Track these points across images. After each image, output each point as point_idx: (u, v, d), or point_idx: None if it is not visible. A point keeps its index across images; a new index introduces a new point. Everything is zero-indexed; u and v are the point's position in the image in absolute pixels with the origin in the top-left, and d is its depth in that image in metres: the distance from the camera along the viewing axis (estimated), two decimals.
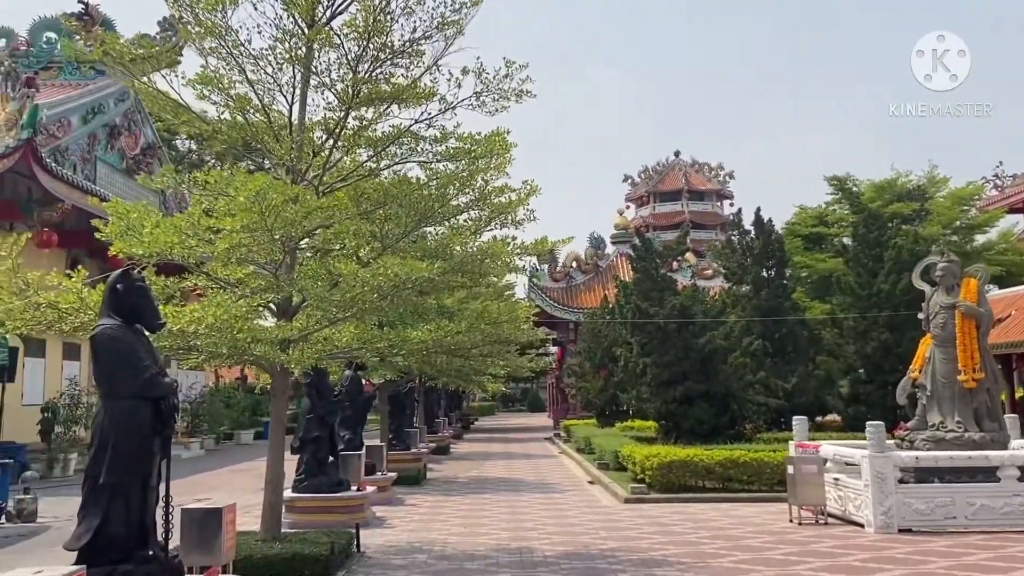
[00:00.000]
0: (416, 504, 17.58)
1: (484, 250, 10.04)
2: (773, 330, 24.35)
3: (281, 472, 10.96)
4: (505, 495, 19.16)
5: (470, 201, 10.58)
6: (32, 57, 33.33)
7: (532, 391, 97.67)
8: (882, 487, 13.25)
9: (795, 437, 16.55)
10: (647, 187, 75.13)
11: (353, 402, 17.50)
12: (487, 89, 10.36)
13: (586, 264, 52.10)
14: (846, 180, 43.43)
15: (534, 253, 10.69)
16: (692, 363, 22.23)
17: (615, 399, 35.80)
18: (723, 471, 17.96)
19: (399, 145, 10.93)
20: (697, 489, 18.23)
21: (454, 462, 28.88)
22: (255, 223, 9.10)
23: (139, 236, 9.74)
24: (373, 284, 9.15)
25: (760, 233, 25.44)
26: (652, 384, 22.59)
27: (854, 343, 22.94)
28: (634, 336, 23.29)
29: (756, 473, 17.88)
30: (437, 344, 11.23)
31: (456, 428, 46.80)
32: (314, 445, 14.48)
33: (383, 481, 17.70)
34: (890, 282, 22.29)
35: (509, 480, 22.52)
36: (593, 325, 38.51)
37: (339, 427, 17.62)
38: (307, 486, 14.30)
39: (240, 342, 9.19)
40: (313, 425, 14.51)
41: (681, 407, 22.06)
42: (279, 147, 10.37)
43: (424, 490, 20.23)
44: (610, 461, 22.64)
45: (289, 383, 11.20)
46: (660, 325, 22.22)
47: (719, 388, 22.00)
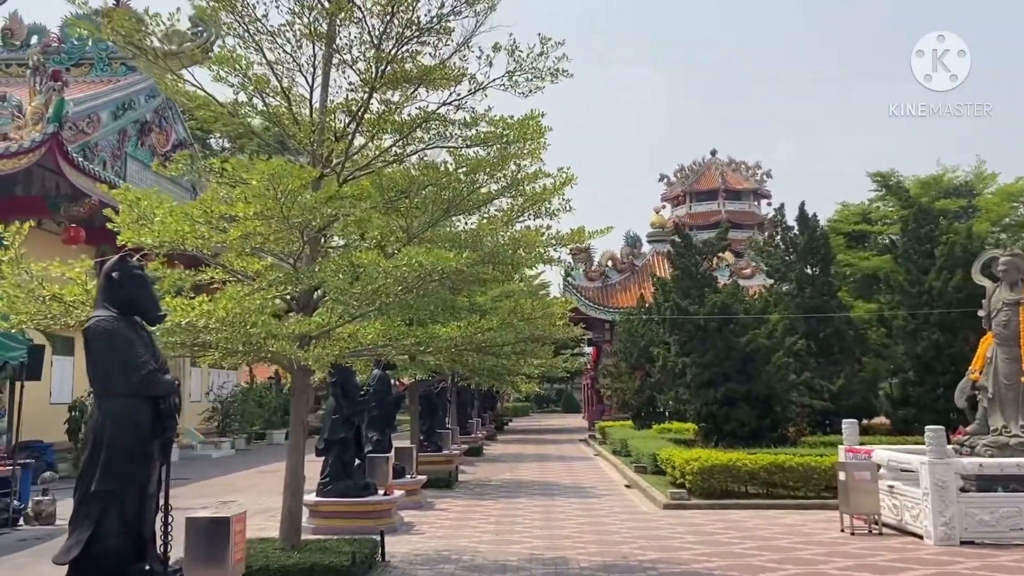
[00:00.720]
0: (446, 508, 16.92)
1: (516, 239, 9.31)
2: (817, 329, 23.38)
3: (301, 477, 10.34)
4: (539, 499, 18.45)
5: (501, 188, 9.89)
6: (64, 54, 33.21)
7: (567, 392, 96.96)
8: (943, 496, 12.36)
9: (845, 441, 15.67)
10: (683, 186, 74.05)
11: (381, 402, 16.87)
12: (520, 68, 9.67)
13: (622, 263, 51.29)
14: (890, 176, 42.18)
15: (570, 243, 9.98)
16: (733, 363, 21.36)
17: (652, 400, 35.02)
18: (768, 476, 17.12)
19: (426, 130, 10.25)
20: (740, 495, 17.42)
21: (487, 464, 28.23)
22: (270, 209, 8.49)
23: (150, 225, 9.18)
24: (396, 275, 8.48)
25: (804, 229, 24.47)
26: (692, 385, 21.76)
27: (903, 343, 21.94)
28: (673, 335, 22.47)
29: (803, 479, 17.03)
30: (467, 341, 10.54)
31: (490, 429, 46.16)
32: (339, 447, 13.87)
33: (412, 484, 17.05)
34: (942, 279, 21.26)
35: (543, 483, 21.82)
36: (629, 325, 37.75)
37: (367, 428, 17.05)
38: (331, 490, 13.69)
39: (254, 338, 8.56)
40: (338, 426, 13.90)
41: (722, 409, 21.20)
42: (299, 131, 9.74)
43: (455, 493, 19.58)
44: (648, 464, 21.87)
45: (311, 383, 10.58)
46: (700, 324, 21.39)
47: (761, 389, 21.12)
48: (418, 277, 8.59)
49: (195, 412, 35.45)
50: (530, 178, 9.87)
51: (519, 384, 26.06)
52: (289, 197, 8.51)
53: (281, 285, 8.91)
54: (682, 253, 22.87)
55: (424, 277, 8.71)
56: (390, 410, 17.14)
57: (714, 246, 22.61)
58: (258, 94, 9.80)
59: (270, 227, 8.74)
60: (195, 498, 18.92)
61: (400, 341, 10.74)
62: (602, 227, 10.17)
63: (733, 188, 72.17)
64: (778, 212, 25.76)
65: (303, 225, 9.27)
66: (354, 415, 13.95)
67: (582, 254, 49.81)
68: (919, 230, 22.63)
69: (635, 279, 50.77)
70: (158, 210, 9.18)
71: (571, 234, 9.91)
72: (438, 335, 10.56)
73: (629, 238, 52.10)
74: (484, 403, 47.95)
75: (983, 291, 15.13)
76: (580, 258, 49.91)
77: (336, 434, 13.87)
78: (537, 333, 10.45)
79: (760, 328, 21.96)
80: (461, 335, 10.42)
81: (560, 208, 10.43)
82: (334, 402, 14.06)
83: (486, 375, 23.18)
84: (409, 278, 8.64)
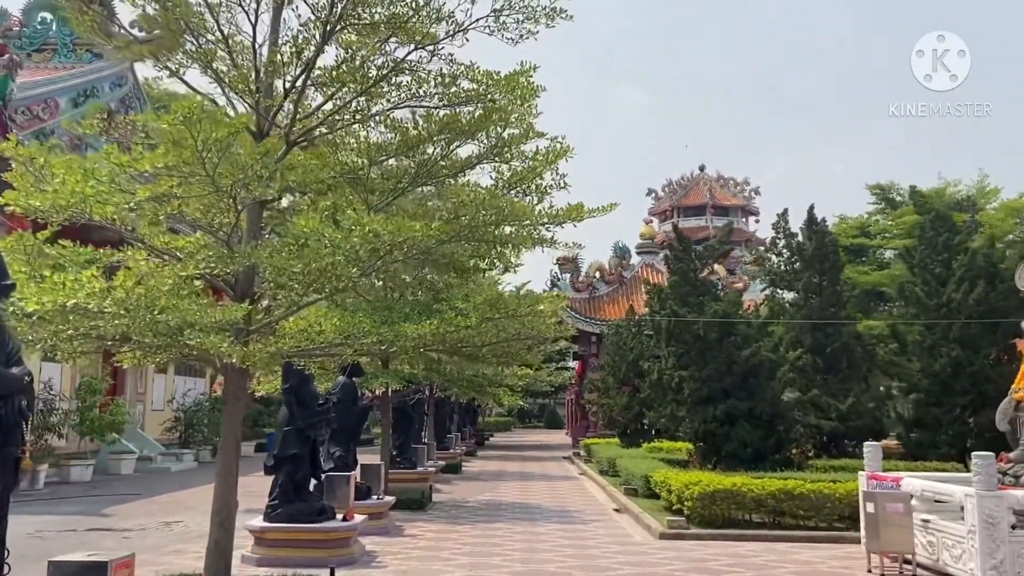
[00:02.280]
0: (416, 535, 15.04)
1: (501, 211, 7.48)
2: (824, 343, 21.66)
3: (231, 502, 8.48)
4: (520, 525, 16.59)
5: (482, 153, 8.08)
6: (25, 38, 31.26)
7: (549, 407, 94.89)
8: (993, 534, 10.59)
9: (866, 466, 13.90)
10: (671, 201, 73.05)
11: (346, 413, 15.01)
12: (508, 5, 7.89)
13: (610, 274, 49.56)
14: (890, 189, 40.72)
15: (566, 220, 8.19)
16: (734, 378, 19.63)
17: (640, 417, 33.27)
18: (776, 504, 15.36)
19: (395, 85, 8.44)
20: (744, 524, 15.64)
21: (465, 482, 26.31)
22: (188, 164, 6.65)
23: (47, 186, 7.33)
24: (347, 249, 6.66)
25: (812, 234, 22.79)
26: (689, 401, 19.98)
27: (919, 359, 20.23)
28: (669, 346, 20.70)
29: (815, 508, 15.28)
30: (440, 340, 8.71)
31: (470, 444, 44.19)
32: (291, 464, 11.97)
33: (378, 507, 15.16)
34: (962, 291, 19.58)
35: (525, 506, 19.95)
36: (618, 337, 35.99)
37: (328, 443, 15.20)
38: (280, 514, 11.78)
39: (164, 326, 6.72)
40: (291, 440, 12.00)
41: (722, 427, 19.43)
42: (237, 74, 7.91)
43: (428, 516, 17.68)
44: (639, 486, 20.07)
45: (245, 388, 8.75)
46: (699, 335, 19.64)
47: (765, 407, 19.37)
48: (374, 252, 6.76)
49: (156, 422, 33.39)
50: (517, 140, 8.06)
51: (501, 397, 24.21)
52: (212, 150, 6.68)
53: (204, 262, 7.04)
54: (680, 258, 21.11)
55: (384, 254, 6.89)
56: (355, 422, 15.25)
57: (715, 250, 20.89)
58: (188, 31, 7.95)
59: (191, 188, 6.91)
60: (136, 517, 16.98)
61: (360, 339, 8.91)
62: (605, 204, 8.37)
63: (721, 204, 71.07)
64: (781, 217, 24.08)
65: (236, 190, 7.44)
66: (310, 428, 12.06)
67: (569, 264, 48.11)
68: (936, 238, 20.97)
69: (624, 291, 49.07)
70: (56, 168, 7.32)
71: (568, 210, 8.12)
72: (405, 333, 8.76)
73: (618, 249, 50.34)
74: (464, 417, 45.98)
75: (1008, 303, 13.43)
76: (567, 268, 48.21)
77: (288, 449, 11.98)
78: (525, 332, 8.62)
79: (763, 341, 20.23)
80: (432, 332, 8.60)
81: (553, 184, 8.64)
82: (287, 412, 12.18)
83: (466, 386, 21.34)
84: (363, 253, 6.82)
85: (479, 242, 7.97)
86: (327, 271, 6.91)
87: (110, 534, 14.85)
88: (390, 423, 20.02)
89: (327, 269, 6.89)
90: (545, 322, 8.79)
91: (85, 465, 24.52)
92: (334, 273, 6.99)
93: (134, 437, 30.62)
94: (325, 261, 6.79)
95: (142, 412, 32.95)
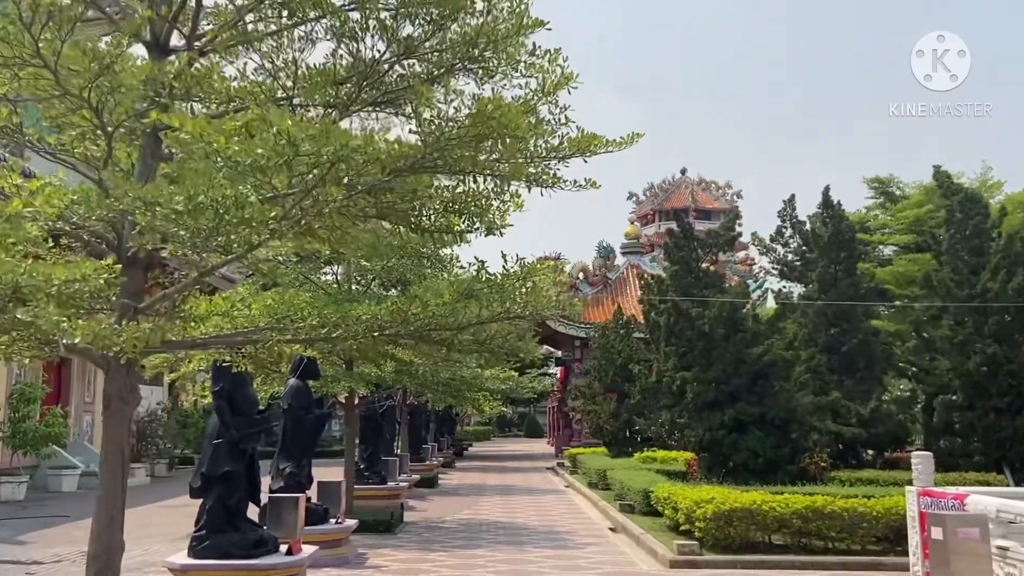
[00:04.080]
0: (381, 565, 12.72)
1: (484, 116, 5.13)
2: (840, 341, 19.51)
3: (114, 544, 6.14)
4: (504, 550, 14.31)
5: (451, 51, 5.76)
6: None
7: (530, 415, 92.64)
8: None
9: (916, 480, 11.71)
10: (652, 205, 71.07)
11: (297, 423, 12.70)
12: None
13: (594, 275, 47.53)
14: (889, 182, 38.82)
15: (576, 153, 5.95)
16: (744, 379, 17.46)
17: (630, 425, 31.19)
18: (802, 524, 13.17)
19: None
20: (764, 547, 13.45)
21: (442, 498, 23.96)
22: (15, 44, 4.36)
23: None
24: (249, 166, 4.35)
25: (829, 218, 20.64)
26: (692, 406, 17.78)
27: (948, 357, 18.10)
28: (669, 346, 18.47)
29: (847, 528, 13.13)
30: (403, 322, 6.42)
31: (448, 454, 41.81)
32: (223, 485, 9.63)
33: (337, 533, 12.83)
34: (999, 280, 17.48)
35: (509, 526, 17.65)
36: (605, 340, 33.81)
37: (279, 458, 12.88)
38: (209, 547, 9.44)
39: None
40: (221, 455, 9.67)
41: (730, 435, 17.24)
42: None
43: (398, 541, 15.33)
44: (636, 502, 17.86)
45: (133, 389, 6.46)
46: (704, 331, 17.45)
47: (778, 412, 17.20)
48: (291, 170, 4.46)
49: None
50: (504, 37, 5.74)
51: (482, 403, 21.91)
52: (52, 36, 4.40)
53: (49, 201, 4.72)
54: (681, 245, 18.91)
55: (310, 178, 4.60)
56: (309, 434, 12.89)
57: (720, 236, 18.71)
58: None
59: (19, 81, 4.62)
60: (56, 545, 14.50)
61: (296, 323, 6.65)
62: (628, 134, 6.14)
63: (704, 208, 69.15)
64: (787, 204, 21.94)
65: (103, 103, 5.15)
66: (245, 440, 9.74)
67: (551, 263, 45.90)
68: (967, 221, 18.89)
69: (608, 293, 47.06)
70: None
71: (577, 140, 5.88)
72: (355, 314, 6.51)
73: (602, 248, 48.29)
74: (442, 426, 43.60)
75: None
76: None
77: (218, 467, 9.65)
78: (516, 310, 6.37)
79: (774, 338, 18.06)
80: (391, 313, 6.34)
81: (552, 119, 6.37)
82: (216, 421, 9.85)
83: (441, 391, 19.02)
84: (278, 182, 4.53)
85: (454, 173, 5.70)
86: (225, 210, 4.60)
87: (13, 569, 12.42)
88: (356, 434, 17.67)
89: (225, 207, 4.59)
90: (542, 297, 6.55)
91: (17, 482, 21.97)
92: (238, 215, 4.69)
93: (80, 450, 28.03)
94: (218, 193, 4.50)
95: (90, 422, 30.32)
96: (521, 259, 7.01)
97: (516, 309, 6.50)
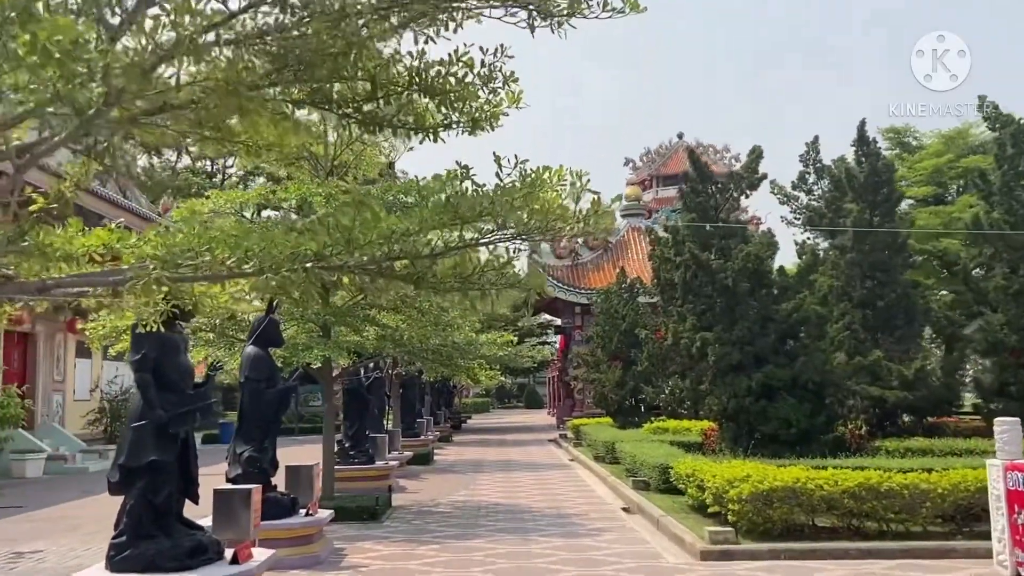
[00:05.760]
0: (360, 565, 10.73)
1: None
2: (877, 295, 17.42)
3: None
4: (507, 540, 12.35)
5: None
6: None
7: (529, 386, 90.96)
8: None
9: (1000, 452, 9.74)
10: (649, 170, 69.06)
11: (256, 398, 10.65)
12: None
13: (595, 239, 45.35)
14: (905, 132, 36.64)
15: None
16: (771, 339, 15.46)
17: (636, 393, 29.28)
18: (855, 505, 11.20)
19: None
20: (809, 532, 11.49)
21: (437, 476, 22.01)
22: None
23: None
24: None
25: (865, 156, 18.46)
26: (714, 370, 15.77)
27: (1002, 310, 16.05)
28: (686, 304, 16.42)
29: (908, 508, 11.16)
30: (345, 246, 4.40)
31: (444, 428, 39.91)
32: (148, 479, 7.60)
33: (306, 528, 10.82)
34: None
35: (511, 508, 15.70)
36: (608, 305, 31.80)
37: (235, 440, 10.86)
38: (131, 558, 7.43)
39: None
40: (147, 442, 7.63)
41: (757, 402, 15.25)
42: None
43: (384, 531, 13.36)
44: (652, 479, 15.95)
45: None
46: (726, 286, 15.41)
47: (811, 375, 15.21)
48: None
49: (79, 413, 28.80)
50: None
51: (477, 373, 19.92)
52: None
53: None
54: (698, 190, 16.76)
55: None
56: (271, 410, 10.81)
57: (742, 179, 16.57)
58: None
59: None
60: None
61: (202, 257, 4.66)
62: None
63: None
64: (811, 147, 19.76)
65: None
66: (176, 422, 7.69)
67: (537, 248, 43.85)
68: (1020, 157, 16.78)
69: (609, 257, 45.08)
70: None
71: None
72: (280, 241, 4.49)
73: None
74: (439, 398, 41.69)
75: None
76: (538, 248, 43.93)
77: (142, 456, 7.61)
78: (523, 227, 4.35)
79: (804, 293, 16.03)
80: (327, 233, 4.31)
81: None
82: (140, 398, 7.81)
83: (431, 359, 17.01)
84: None
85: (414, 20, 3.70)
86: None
87: None
88: (335, 409, 15.66)
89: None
90: (555, 209, 4.52)
91: None
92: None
93: (49, 432, 26.11)
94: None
95: (60, 402, 28.34)
96: (522, 162, 4.92)
97: (516, 226, 4.45)
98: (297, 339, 13.50)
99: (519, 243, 5.06)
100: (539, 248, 42.86)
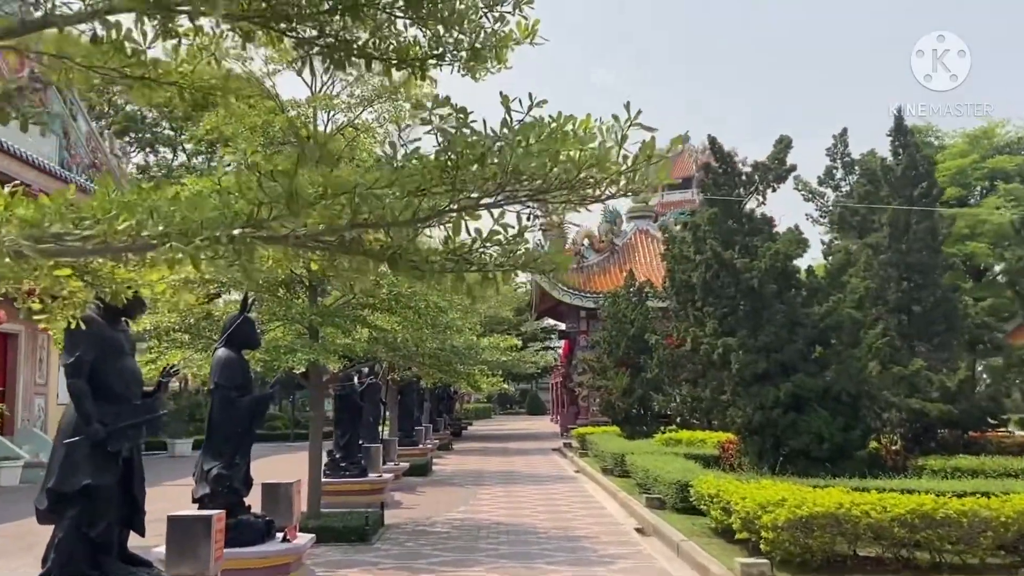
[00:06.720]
0: None
1: None
2: (915, 298, 16.08)
3: None
4: (510, 567, 11.01)
5: None
6: None
7: (532, 392, 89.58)
8: None
9: None
10: None
11: (227, 408, 9.32)
12: None
13: (600, 242, 44.20)
14: (927, 132, 35.36)
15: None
16: (800, 346, 14.14)
17: (645, 401, 27.95)
18: (907, 533, 9.87)
19: None
20: (853, 564, 10.16)
21: (435, 489, 20.67)
22: None
23: None
24: None
25: (903, 147, 17.10)
26: (737, 379, 14.45)
27: None
28: (707, 306, 15.08)
29: (967, 538, 9.82)
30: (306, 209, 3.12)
31: (444, 436, 38.55)
32: (82, 507, 6.30)
33: (282, 556, 9.45)
34: None
35: (514, 528, 14.37)
36: (616, 309, 30.46)
37: (203, 456, 9.52)
38: None
39: None
40: (80, 462, 6.33)
41: (787, 415, 13.91)
42: None
43: (373, 554, 12.02)
44: (668, 497, 14.64)
45: None
46: (751, 287, 14.10)
47: (846, 386, 13.87)
48: None
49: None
50: None
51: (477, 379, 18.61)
52: None
53: None
54: (720, 182, 15.39)
55: None
56: (243, 421, 9.48)
57: (769, 170, 15.20)
58: None
59: None
60: None
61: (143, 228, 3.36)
62: None
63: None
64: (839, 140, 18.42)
65: None
66: (115, 438, 6.38)
67: (554, 230, 42.61)
68: None
69: (616, 260, 43.73)
70: None
71: None
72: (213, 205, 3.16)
73: (609, 214, 44.92)
74: (438, 404, 40.32)
75: None
76: (552, 235, 42.67)
77: (73, 479, 6.31)
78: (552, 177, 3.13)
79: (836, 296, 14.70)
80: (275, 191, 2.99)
81: None
82: (75, 408, 6.50)
83: (428, 364, 15.67)
84: None
85: None
86: None
87: None
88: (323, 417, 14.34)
89: None
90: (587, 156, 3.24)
91: None
92: None
93: (29, 438, 24.81)
94: None
95: (43, 407, 27.05)
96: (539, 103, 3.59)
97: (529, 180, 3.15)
98: (281, 341, 12.20)
99: (534, 207, 3.76)
100: (562, 215, 41.02)
